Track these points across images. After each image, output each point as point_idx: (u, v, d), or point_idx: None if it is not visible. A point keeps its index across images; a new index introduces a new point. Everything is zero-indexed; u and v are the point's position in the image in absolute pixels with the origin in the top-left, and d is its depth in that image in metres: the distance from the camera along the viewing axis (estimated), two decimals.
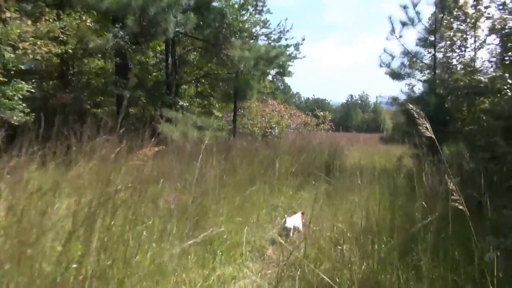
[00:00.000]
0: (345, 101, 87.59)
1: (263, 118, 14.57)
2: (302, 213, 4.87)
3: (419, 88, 10.57)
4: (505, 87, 5.05)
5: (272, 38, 12.94)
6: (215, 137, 9.80)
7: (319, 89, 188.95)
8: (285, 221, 4.45)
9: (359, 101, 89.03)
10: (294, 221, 4.56)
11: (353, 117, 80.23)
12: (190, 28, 9.09)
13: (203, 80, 13.68)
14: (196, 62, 13.47)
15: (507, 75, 5.72)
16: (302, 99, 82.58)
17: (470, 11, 9.11)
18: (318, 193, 5.05)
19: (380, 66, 10.33)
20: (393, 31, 9.79)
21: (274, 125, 15.13)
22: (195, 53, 13.26)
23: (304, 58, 12.93)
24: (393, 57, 10.03)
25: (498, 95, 5.39)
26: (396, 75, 10.07)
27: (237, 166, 5.73)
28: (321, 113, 17.77)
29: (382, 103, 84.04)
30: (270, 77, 15.17)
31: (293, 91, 76.96)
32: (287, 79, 77.06)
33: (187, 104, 11.40)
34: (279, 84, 73.89)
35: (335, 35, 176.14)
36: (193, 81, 13.24)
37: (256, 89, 11.00)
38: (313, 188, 6.80)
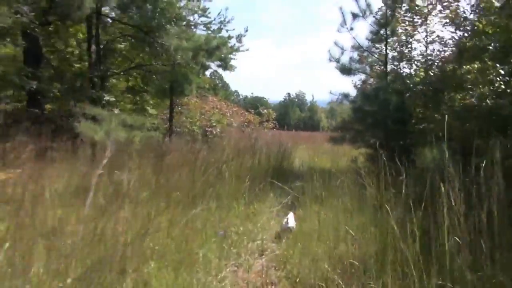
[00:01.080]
0: (283, 100, 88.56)
1: (203, 116, 13.33)
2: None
3: (369, 83, 10.10)
4: (497, 79, 4.46)
5: (212, 29, 11.71)
6: (147, 138, 8.44)
7: (257, 87, 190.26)
8: (287, 220, 4.46)
9: (296, 100, 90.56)
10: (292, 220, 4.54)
11: (290, 115, 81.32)
12: (113, 6, 7.61)
13: (134, 73, 12.08)
14: (126, 52, 11.84)
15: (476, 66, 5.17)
16: (241, 97, 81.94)
17: (421, 3, 8.71)
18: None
19: (330, 60, 9.62)
20: (344, 22, 9.12)
21: (214, 124, 13.96)
22: (124, 42, 11.63)
23: (247, 51, 11.91)
24: (343, 51, 9.37)
25: (481, 88, 4.80)
26: (346, 70, 9.41)
27: (173, 177, 4.52)
28: (265, 110, 16.94)
29: (317, 102, 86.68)
30: (208, 73, 13.96)
31: (231, 89, 76.20)
32: (225, 77, 75.82)
33: (114, 99, 9.80)
34: (217, 81, 72.77)
35: (271, 36, 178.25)
36: (122, 74, 11.59)
37: (196, 83, 9.75)
38: (270, 200, 5.80)
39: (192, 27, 11.51)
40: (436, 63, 7.15)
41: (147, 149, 7.09)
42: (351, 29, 9.12)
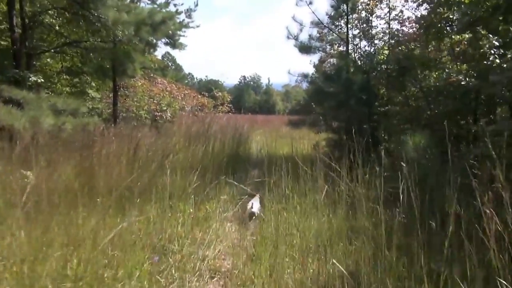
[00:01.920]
0: (238, 83, 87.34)
1: (152, 100, 12.22)
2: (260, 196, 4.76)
3: (329, 63, 9.56)
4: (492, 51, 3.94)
5: (157, 2, 10.54)
6: (84, 125, 7.35)
7: (212, 71, 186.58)
8: (252, 205, 4.40)
9: (252, 83, 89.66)
10: (257, 205, 4.52)
11: (246, 98, 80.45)
12: None
13: (70, 52, 10.66)
14: (60, 27, 10.38)
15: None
16: (195, 80, 79.76)
17: None
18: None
19: (288, 38, 8.93)
20: None
21: (165, 108, 12.88)
22: (56, 15, 10.16)
23: (198, 27, 10.88)
24: (302, 27, 8.69)
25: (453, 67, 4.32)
26: (305, 49, 8.77)
27: (104, 173, 3.62)
28: (219, 93, 16.02)
29: (273, 85, 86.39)
30: (160, 55, 12.75)
31: (185, 72, 74.01)
32: (178, 59, 73.39)
33: (43, 80, 8.48)
34: (170, 64, 70.32)
35: (226, 17, 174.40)
36: (55, 52, 10.16)
37: (139, 62, 8.67)
38: (226, 199, 5.05)
39: (136, 0, 10.30)
40: (399, 41, 6.66)
41: (80, 139, 6.06)
42: (310, 3, 8.46)
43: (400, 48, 6.49)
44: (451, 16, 5.87)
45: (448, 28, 6.05)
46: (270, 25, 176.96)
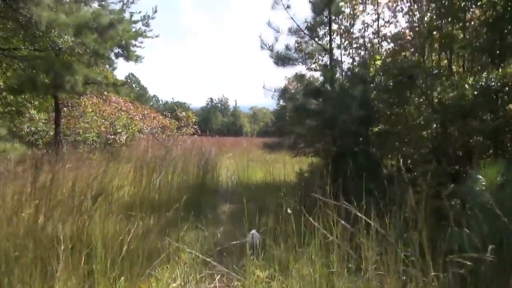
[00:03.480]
0: (205, 105, 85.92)
1: (104, 120, 10.55)
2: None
3: (312, 76, 8.37)
4: None
5: (109, 8, 9.08)
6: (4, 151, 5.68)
7: (178, 93, 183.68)
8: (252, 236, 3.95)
9: (219, 105, 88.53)
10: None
11: (213, 120, 78.99)
12: None
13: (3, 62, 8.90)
14: None
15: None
16: (161, 102, 77.61)
17: None
18: None
19: (261, 48, 7.67)
20: None
21: (120, 130, 11.23)
22: None
23: (157, 37, 9.48)
24: (278, 35, 7.46)
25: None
26: (281, 59, 7.51)
27: None
28: (183, 113, 14.50)
29: (240, 107, 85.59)
30: (123, 76, 11.07)
31: (150, 94, 72.09)
32: (143, 81, 71.39)
33: None
34: (134, 86, 67.99)
35: (193, 39, 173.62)
36: None
37: (82, 75, 7.08)
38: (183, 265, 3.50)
39: (82, 4, 8.78)
40: (401, 46, 5.55)
41: None
42: (288, 7, 7.28)
43: (403, 54, 5.38)
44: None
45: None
46: (238, 48, 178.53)
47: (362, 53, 7.34)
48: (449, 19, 5.13)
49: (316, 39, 7.51)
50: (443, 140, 4.61)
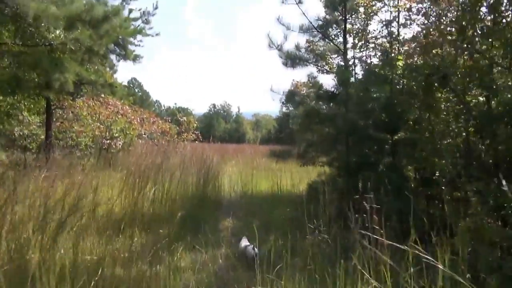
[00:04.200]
0: (208, 111, 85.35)
1: (99, 124, 9.91)
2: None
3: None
4: None
5: (108, 5, 8.48)
6: None
7: (181, 99, 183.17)
8: (245, 247, 3.91)
9: (222, 111, 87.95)
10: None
11: (215, 127, 78.37)
12: None
13: None
14: None
15: None
16: (163, 107, 77.14)
17: None
18: None
19: (269, 47, 7.05)
20: None
21: (117, 134, 10.58)
22: None
23: (158, 35, 8.88)
24: (288, 31, 6.83)
25: None
26: (291, 59, 6.88)
27: None
28: (184, 118, 13.85)
29: (243, 114, 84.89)
30: (126, 81, 10.41)
31: (152, 99, 71.75)
32: (146, 85, 71.07)
33: None
34: (137, 90, 67.57)
35: (198, 46, 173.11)
36: None
37: (73, 73, 6.44)
38: None
39: None
40: (433, 42, 4.86)
41: None
42: (300, 1, 6.66)
43: (435, 51, 4.69)
44: None
45: None
46: (241, 55, 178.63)
47: (379, 54, 6.68)
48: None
49: (330, 38, 6.88)
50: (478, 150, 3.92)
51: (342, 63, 6.72)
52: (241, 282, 3.05)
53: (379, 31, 6.73)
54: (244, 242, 4.17)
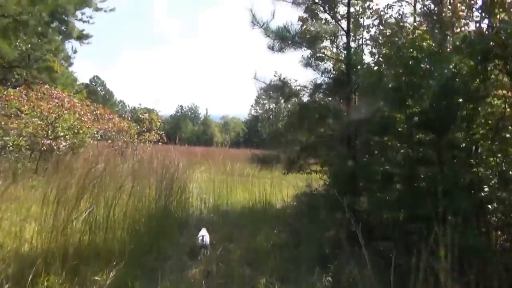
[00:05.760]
0: (175, 113, 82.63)
1: (36, 119, 8.03)
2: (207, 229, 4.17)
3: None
4: None
5: None
6: None
7: (147, 99, 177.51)
8: (202, 238, 3.86)
9: (189, 113, 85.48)
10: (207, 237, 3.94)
11: (183, 129, 75.90)
12: None
13: None
14: None
15: None
16: (128, 107, 73.83)
17: None
18: None
19: (252, 24, 5.64)
20: None
21: (62, 133, 8.71)
22: None
23: (112, 11, 7.19)
24: (273, 12, 5.41)
25: None
26: (282, 40, 5.44)
27: None
28: (146, 115, 12.06)
29: (211, 116, 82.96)
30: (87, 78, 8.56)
31: (116, 98, 68.62)
32: (109, 85, 67.92)
33: None
34: (99, 89, 64.52)
35: (166, 47, 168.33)
36: None
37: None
38: None
39: None
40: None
41: None
42: None
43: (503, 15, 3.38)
44: None
45: None
46: (210, 57, 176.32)
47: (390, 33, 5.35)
48: None
49: (331, 13, 5.49)
50: None
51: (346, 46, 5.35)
52: None
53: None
54: (202, 233, 4.04)
